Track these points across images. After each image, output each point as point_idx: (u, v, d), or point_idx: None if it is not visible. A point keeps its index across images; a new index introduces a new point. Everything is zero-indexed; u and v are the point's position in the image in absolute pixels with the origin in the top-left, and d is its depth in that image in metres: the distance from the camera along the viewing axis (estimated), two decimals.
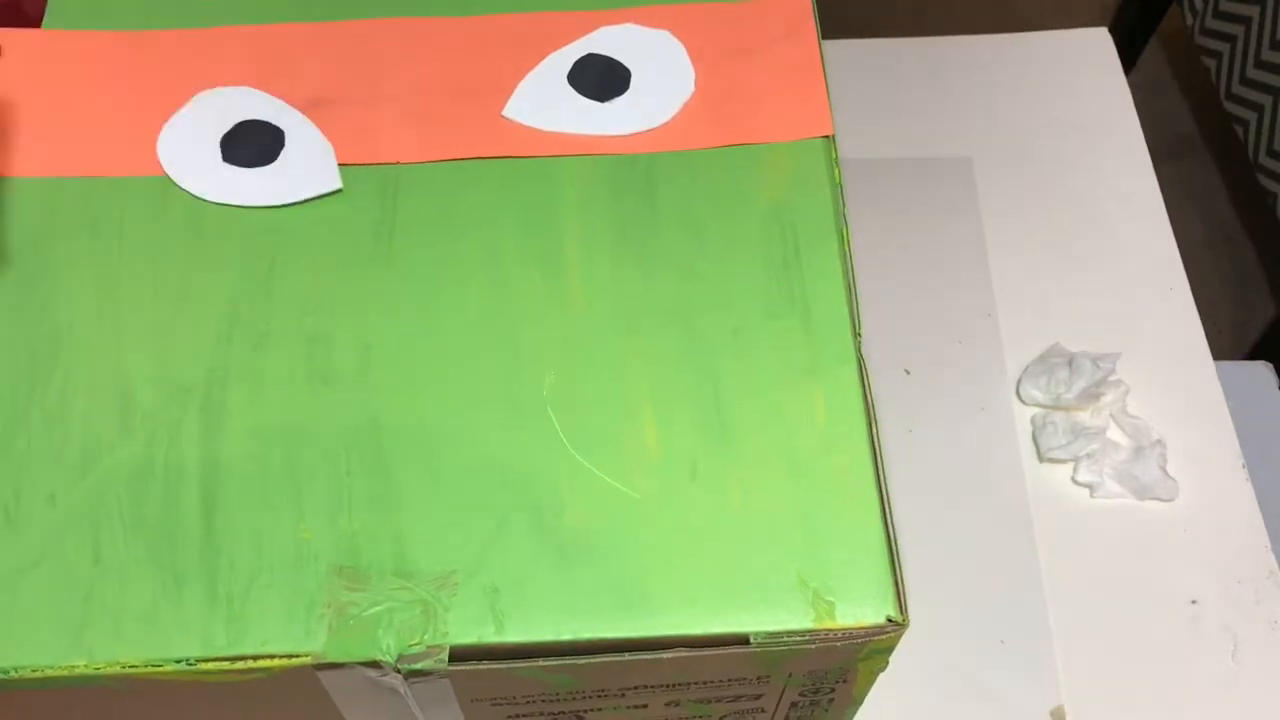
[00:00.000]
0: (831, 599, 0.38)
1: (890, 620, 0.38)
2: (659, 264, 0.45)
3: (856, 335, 0.43)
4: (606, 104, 0.49)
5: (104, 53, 0.51)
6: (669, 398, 0.42)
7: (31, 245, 0.46)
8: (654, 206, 0.47)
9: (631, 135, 0.49)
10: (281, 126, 0.48)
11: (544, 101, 0.49)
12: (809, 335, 0.43)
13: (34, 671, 0.37)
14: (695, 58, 0.51)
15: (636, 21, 0.52)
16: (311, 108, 0.49)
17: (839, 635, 0.38)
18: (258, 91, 0.49)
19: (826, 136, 0.48)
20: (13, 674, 0.37)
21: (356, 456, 0.41)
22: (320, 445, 0.41)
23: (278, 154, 0.48)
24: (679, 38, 0.51)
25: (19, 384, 0.43)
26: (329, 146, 0.48)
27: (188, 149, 0.48)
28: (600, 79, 0.50)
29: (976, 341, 0.73)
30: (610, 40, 0.51)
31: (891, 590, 0.38)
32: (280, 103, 0.49)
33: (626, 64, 0.50)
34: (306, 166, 0.48)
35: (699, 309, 0.44)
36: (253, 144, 0.48)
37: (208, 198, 0.47)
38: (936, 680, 0.61)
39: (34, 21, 0.52)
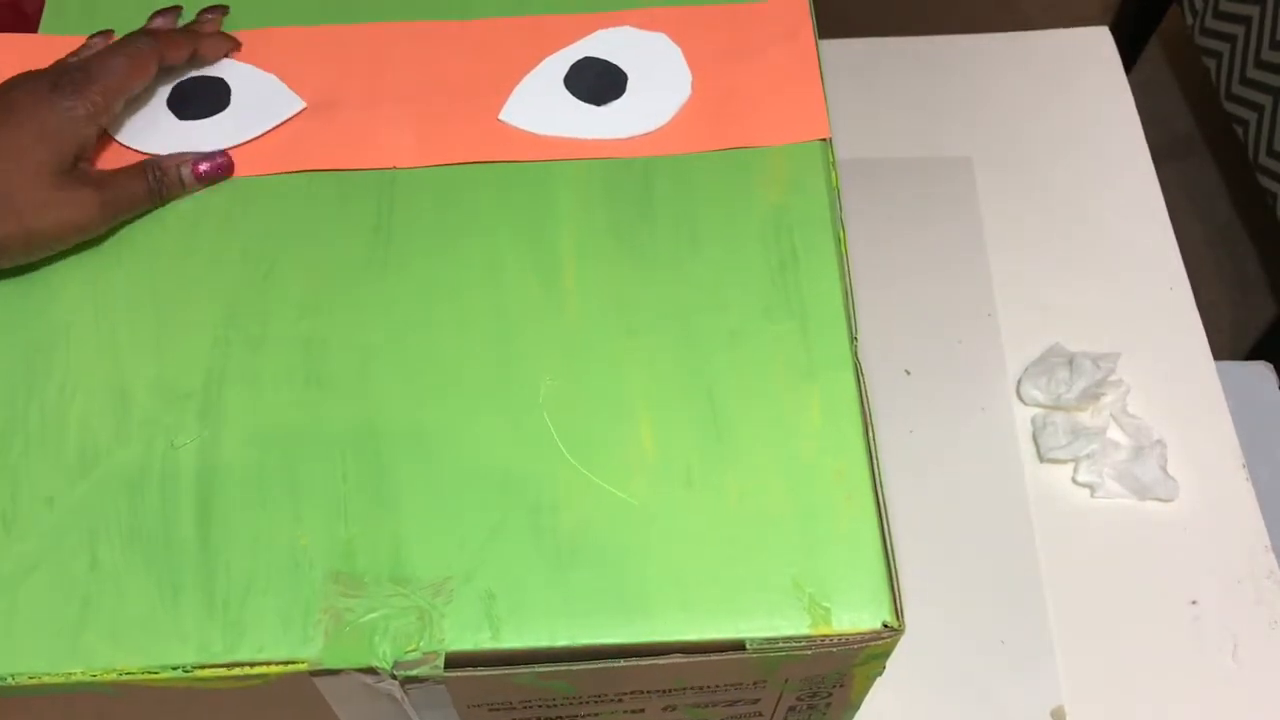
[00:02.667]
0: (828, 604, 0.38)
1: (886, 626, 0.38)
2: (655, 267, 0.45)
3: (853, 339, 0.43)
4: (603, 107, 0.49)
5: None
6: (665, 402, 0.42)
7: None
8: (650, 210, 0.47)
9: (628, 139, 0.48)
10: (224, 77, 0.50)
11: (541, 105, 0.49)
12: (806, 339, 0.43)
13: (31, 678, 0.37)
14: (692, 61, 0.50)
15: (633, 24, 0.51)
16: (309, 110, 0.49)
17: (835, 641, 0.38)
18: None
19: (823, 140, 0.48)
20: (9, 681, 0.37)
21: (353, 461, 0.41)
22: (317, 450, 0.41)
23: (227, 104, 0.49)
24: (676, 41, 0.51)
25: (17, 387, 0.43)
26: (271, 77, 0.50)
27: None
28: (597, 82, 0.50)
29: (976, 342, 0.73)
30: (607, 43, 0.51)
31: (888, 596, 0.38)
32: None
33: (623, 67, 0.50)
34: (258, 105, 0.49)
35: (695, 312, 0.44)
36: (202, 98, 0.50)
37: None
38: (936, 680, 0.61)
39: (33, 21, 0.52)
